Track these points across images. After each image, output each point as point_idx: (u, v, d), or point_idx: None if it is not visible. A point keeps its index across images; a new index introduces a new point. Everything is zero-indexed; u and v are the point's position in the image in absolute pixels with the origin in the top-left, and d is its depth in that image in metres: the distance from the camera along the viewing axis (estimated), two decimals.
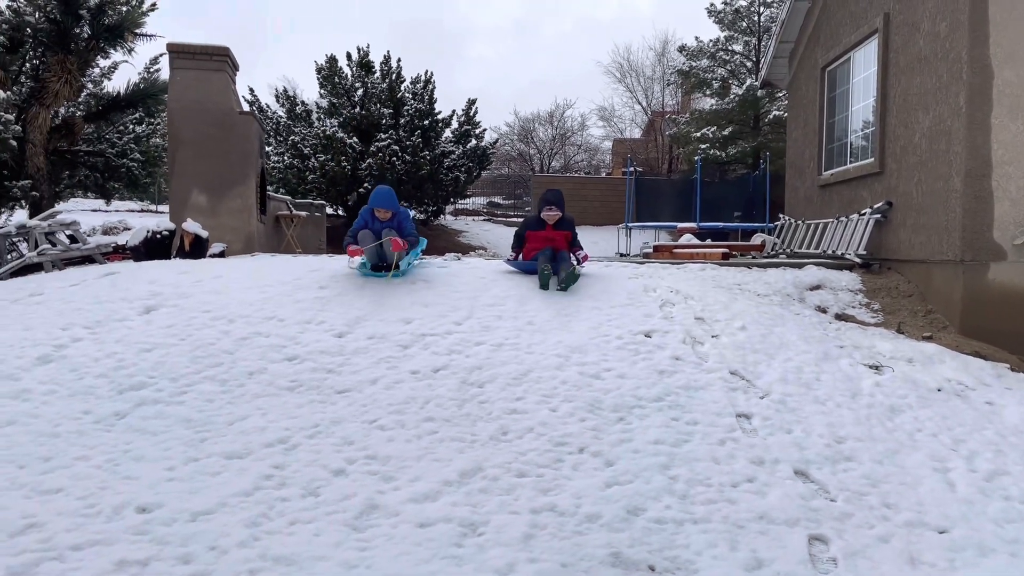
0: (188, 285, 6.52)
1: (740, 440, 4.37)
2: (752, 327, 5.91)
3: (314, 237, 15.04)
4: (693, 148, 21.65)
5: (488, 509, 3.65)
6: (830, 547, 3.46)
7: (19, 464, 3.92)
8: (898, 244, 7.83)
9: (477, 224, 25.19)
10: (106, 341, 5.42)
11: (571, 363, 5.23)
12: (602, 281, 6.86)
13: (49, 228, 9.21)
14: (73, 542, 3.27)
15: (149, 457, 4.02)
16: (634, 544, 3.42)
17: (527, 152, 36.29)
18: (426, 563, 3.22)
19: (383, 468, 3.99)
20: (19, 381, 4.85)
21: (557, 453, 4.17)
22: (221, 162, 11.21)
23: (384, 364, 5.19)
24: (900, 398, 5.06)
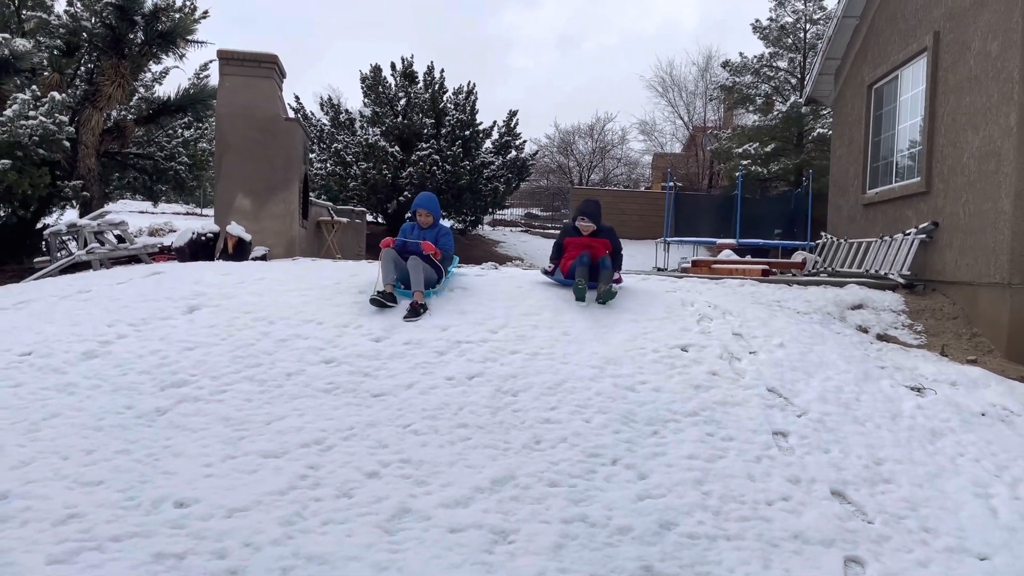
0: (231, 286, 6.63)
1: (776, 458, 4.32)
2: (791, 344, 5.84)
3: (354, 243, 15.21)
4: (734, 164, 21.48)
5: (519, 517, 3.65)
6: (866, 570, 3.40)
7: (63, 456, 4.02)
8: (943, 265, 7.68)
9: (514, 235, 25.25)
10: (150, 339, 5.54)
11: (606, 375, 5.21)
12: (639, 294, 6.83)
13: (98, 227, 9.46)
14: (112, 533, 3.35)
15: (188, 453, 4.10)
16: (665, 558, 3.39)
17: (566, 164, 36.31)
18: (456, 568, 3.23)
19: (416, 472, 4.01)
20: (65, 375, 4.98)
21: (590, 464, 4.16)
22: (266, 167, 11.41)
23: (420, 370, 5.23)
24: (942, 421, 4.95)
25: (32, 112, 10.53)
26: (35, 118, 10.45)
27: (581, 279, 6.58)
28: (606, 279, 6.61)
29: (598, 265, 6.81)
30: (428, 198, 6.86)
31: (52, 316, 6.06)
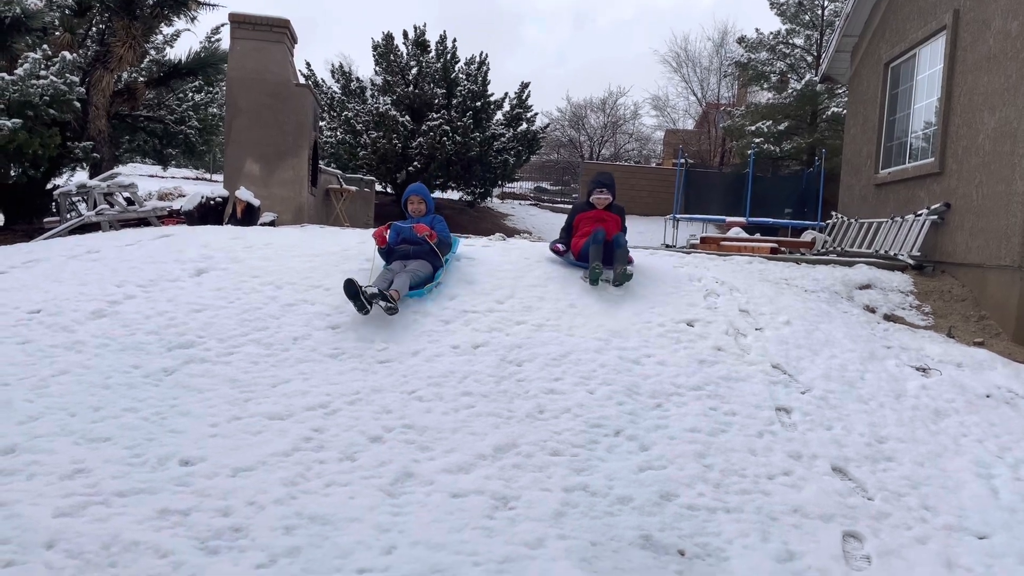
0: (239, 250, 6.65)
1: (778, 433, 4.33)
2: (797, 322, 5.83)
3: (362, 212, 15.20)
4: (747, 142, 21.32)
5: (521, 484, 3.68)
6: (864, 545, 3.42)
7: (70, 412, 4.06)
8: (954, 247, 7.63)
9: (523, 208, 25.19)
10: (158, 300, 5.56)
11: (611, 347, 5.22)
12: (647, 269, 6.81)
13: (108, 189, 9.47)
14: (119, 489, 3.39)
15: (194, 413, 4.14)
16: (665, 528, 3.42)
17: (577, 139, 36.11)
18: (457, 532, 3.26)
19: (419, 438, 4.04)
20: (74, 333, 5.01)
21: (592, 434, 4.18)
22: (276, 133, 11.37)
23: (425, 337, 5.24)
24: (947, 402, 4.95)
25: (43, 72, 10.51)
26: (46, 78, 10.43)
27: (596, 261, 6.20)
28: (621, 259, 6.32)
29: (612, 244, 6.47)
30: (419, 186, 6.59)
31: (61, 275, 6.09)
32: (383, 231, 6.09)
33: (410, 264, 5.95)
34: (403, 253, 6.11)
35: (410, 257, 6.06)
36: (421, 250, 6.07)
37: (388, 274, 5.77)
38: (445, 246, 6.28)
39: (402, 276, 5.64)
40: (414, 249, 6.09)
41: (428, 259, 6.07)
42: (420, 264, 5.96)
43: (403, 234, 6.17)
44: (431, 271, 6.01)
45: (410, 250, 6.09)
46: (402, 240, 6.17)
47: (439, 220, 6.38)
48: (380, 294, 5.20)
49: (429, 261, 6.06)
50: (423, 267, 5.95)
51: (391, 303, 5.22)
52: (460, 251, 7.14)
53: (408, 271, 5.78)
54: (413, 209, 6.43)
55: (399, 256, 6.11)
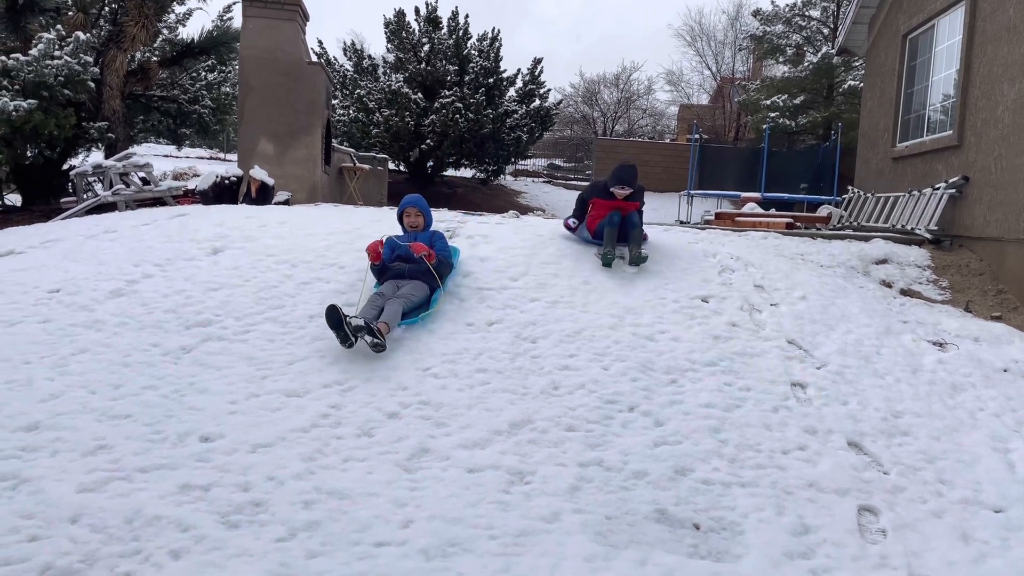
0: (254, 229, 6.67)
1: (794, 408, 4.33)
2: (813, 297, 5.80)
3: (376, 190, 15.21)
4: (762, 116, 21.09)
5: (536, 460, 3.71)
6: (880, 518, 3.42)
7: (91, 390, 4.12)
8: (972, 221, 7.55)
9: (536, 186, 25.09)
10: (175, 279, 5.61)
11: (625, 324, 5.22)
12: (661, 245, 6.78)
13: (123, 169, 9.52)
14: (140, 464, 3.44)
15: (213, 390, 4.18)
16: (680, 503, 3.44)
17: (590, 115, 35.85)
18: (473, 507, 3.29)
19: (435, 414, 4.07)
20: (93, 312, 5.07)
21: (607, 410, 4.20)
22: (288, 111, 11.37)
23: (440, 315, 5.26)
24: (963, 376, 4.93)
25: (57, 52, 10.54)
26: (60, 58, 10.46)
27: (610, 246, 6.14)
28: (636, 239, 6.26)
29: (627, 224, 6.38)
30: (416, 198, 5.89)
31: (79, 255, 6.15)
32: (377, 246, 5.42)
33: (404, 286, 5.24)
34: (397, 272, 5.41)
35: (404, 277, 5.36)
36: (417, 269, 5.36)
37: (378, 299, 5.03)
38: (445, 266, 5.59)
39: (394, 303, 4.94)
40: (409, 268, 5.38)
41: (424, 280, 5.35)
42: (415, 286, 5.26)
43: (398, 250, 5.49)
44: (427, 294, 5.32)
45: (405, 268, 5.40)
46: (397, 257, 5.49)
47: (439, 236, 5.73)
48: (366, 327, 4.50)
49: (426, 282, 5.35)
50: (418, 290, 5.26)
51: (378, 339, 4.51)
52: (473, 229, 7.14)
53: (401, 296, 5.08)
54: (410, 223, 5.77)
55: (392, 275, 5.40)
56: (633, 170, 6.47)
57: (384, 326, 4.66)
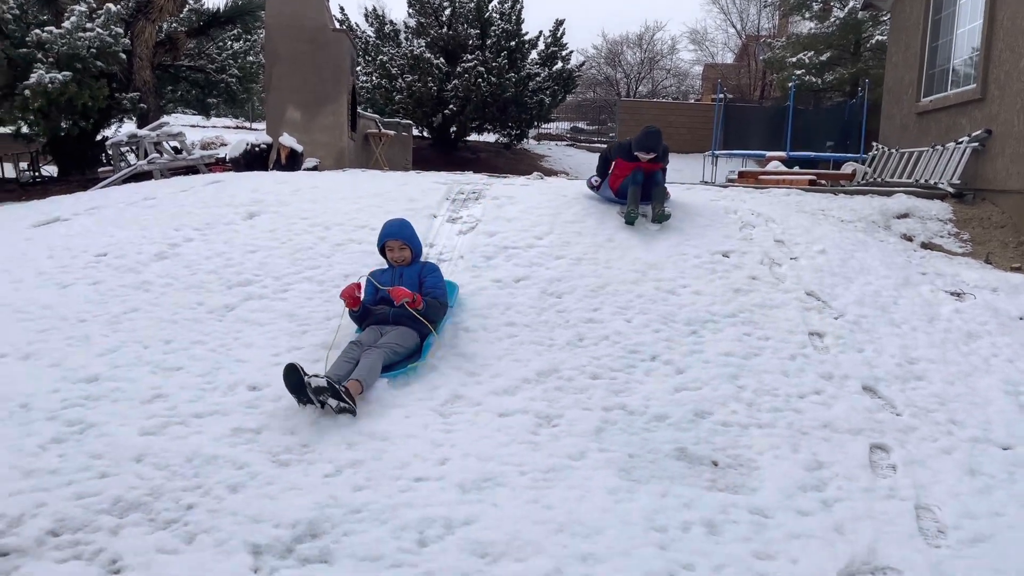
0: (287, 194, 6.89)
1: (811, 356, 4.49)
2: (832, 251, 5.92)
3: (400, 156, 15.37)
4: (787, 74, 20.85)
5: (563, 405, 3.92)
6: (891, 455, 3.60)
7: (144, 345, 4.39)
8: (994, 174, 7.57)
9: (560, 149, 25.07)
10: (215, 242, 5.86)
11: (648, 278, 5.38)
12: (683, 203, 6.89)
13: (157, 138, 9.76)
14: (195, 411, 3.71)
15: (257, 344, 4.44)
16: (699, 443, 3.64)
17: (614, 76, 35.55)
18: (505, 447, 3.52)
19: (467, 364, 4.29)
20: (140, 274, 5.34)
21: (630, 360, 4.39)
22: (314, 79, 11.53)
23: (469, 273, 5.46)
24: (979, 324, 5.04)
25: (88, 24, 10.75)
26: (92, 30, 10.69)
27: (633, 205, 6.24)
28: (660, 197, 6.35)
29: (650, 182, 6.46)
30: (400, 224, 4.83)
31: (122, 221, 6.41)
32: (354, 289, 4.44)
33: (388, 333, 4.31)
34: (380, 317, 4.47)
35: (389, 323, 4.42)
36: (404, 314, 4.40)
37: (353, 351, 4.15)
38: (438, 308, 4.55)
39: (372, 356, 4.04)
40: (394, 312, 4.42)
41: (413, 325, 4.39)
42: (401, 334, 4.31)
43: (382, 291, 4.55)
44: (416, 342, 4.37)
45: (389, 313, 4.44)
46: (380, 299, 4.57)
47: (431, 270, 4.72)
48: (330, 387, 3.61)
49: (414, 328, 4.39)
50: (405, 338, 4.31)
51: (346, 403, 3.65)
52: (498, 191, 7.29)
53: (383, 345, 4.18)
54: (394, 258, 4.78)
55: (376, 320, 4.48)
56: (658, 136, 6.46)
57: (356, 385, 3.78)
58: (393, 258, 4.79)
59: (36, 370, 4.05)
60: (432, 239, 6.10)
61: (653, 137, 6.44)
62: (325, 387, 3.60)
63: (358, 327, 4.57)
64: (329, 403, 3.63)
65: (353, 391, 3.73)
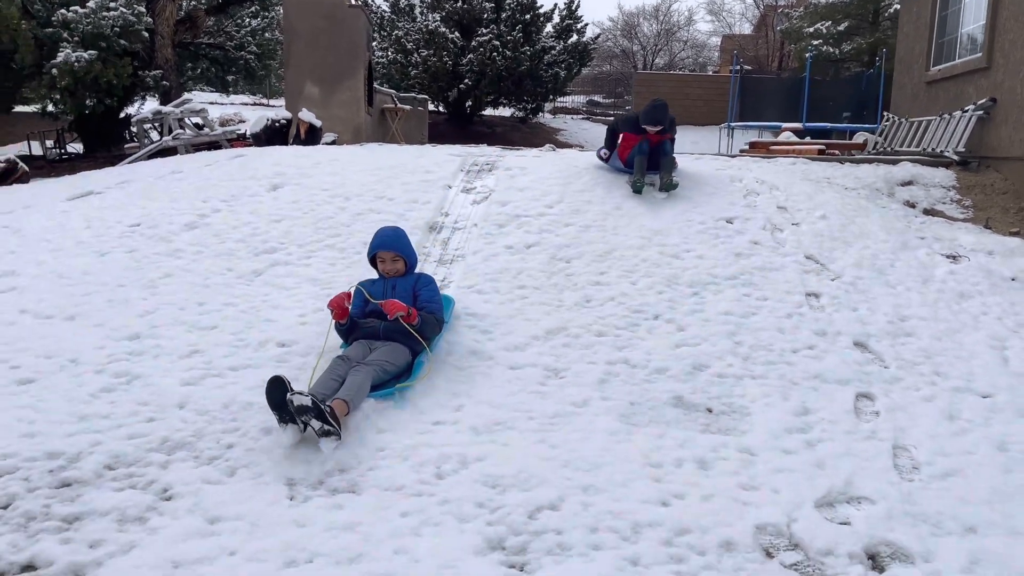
0: (308, 167, 7.18)
1: (806, 315, 4.73)
2: (833, 217, 6.12)
3: (417, 131, 15.60)
4: (805, 45, 20.78)
5: (569, 359, 4.20)
6: (875, 403, 3.85)
7: (180, 307, 4.72)
8: (998, 142, 7.71)
9: (575, 123, 25.17)
10: (241, 212, 6.16)
11: (653, 244, 5.63)
12: (691, 172, 7.09)
13: (181, 115, 10.07)
14: (230, 365, 4.03)
15: (284, 306, 4.75)
16: (696, 392, 3.91)
17: (630, 49, 35.44)
18: (515, 395, 3.81)
19: (480, 323, 4.58)
20: (172, 243, 5.66)
21: (633, 319, 4.66)
22: (332, 55, 11.77)
23: (482, 240, 5.73)
24: (972, 285, 5.25)
25: (112, 3, 11.03)
26: (115, 9, 10.97)
27: (639, 174, 6.46)
28: (667, 167, 6.56)
29: (658, 152, 6.65)
30: (393, 234, 4.45)
31: (152, 194, 6.73)
32: (342, 299, 4.08)
33: (378, 349, 3.96)
34: (370, 331, 4.10)
35: (379, 337, 4.06)
36: (395, 329, 4.03)
37: (339, 367, 3.79)
38: (432, 324, 4.17)
39: (360, 373, 3.68)
40: (384, 326, 4.05)
41: (404, 341, 4.03)
42: (392, 350, 3.96)
43: (372, 304, 4.18)
44: (408, 360, 4.01)
45: (378, 327, 4.07)
46: (370, 312, 4.21)
47: (426, 283, 4.34)
48: (314, 407, 3.22)
49: (406, 344, 4.03)
50: (396, 355, 3.95)
51: (331, 425, 3.25)
52: (511, 163, 7.51)
53: (371, 363, 3.81)
54: (386, 269, 4.37)
55: (365, 334, 4.11)
56: (664, 109, 6.65)
57: (341, 405, 3.41)
58: (385, 270, 4.37)
59: (82, 329, 4.38)
60: (447, 208, 6.37)
61: (660, 110, 6.65)
62: (309, 406, 3.21)
63: (344, 342, 4.19)
64: (312, 424, 3.26)
65: (339, 412, 3.34)
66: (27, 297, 4.79)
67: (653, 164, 6.65)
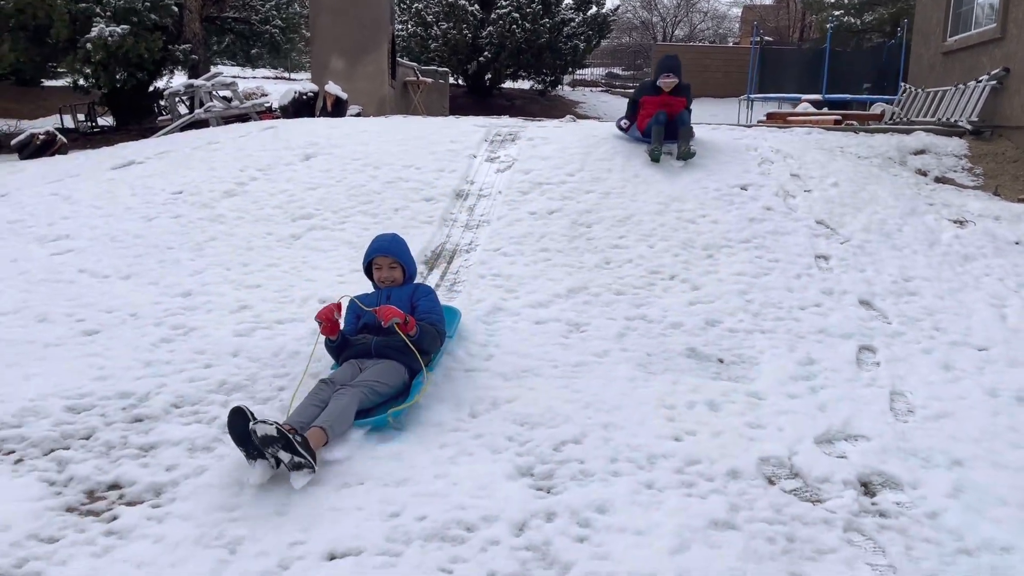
0: (338, 138, 7.47)
1: (815, 275, 4.99)
2: (845, 184, 6.34)
3: (438, 103, 15.84)
4: (826, 15, 20.71)
5: (590, 315, 4.49)
6: (876, 355, 4.12)
7: (226, 267, 5.06)
8: (1011, 111, 7.85)
9: (594, 95, 25.25)
10: (277, 180, 6.47)
11: (670, 210, 5.89)
12: (707, 141, 7.30)
13: (211, 88, 10.37)
14: (276, 318, 4.36)
15: (322, 267, 5.07)
16: (708, 344, 4.20)
17: (649, 20, 35.28)
18: (540, 347, 4.11)
19: (506, 283, 4.88)
20: (214, 209, 5.99)
21: (651, 279, 4.94)
22: (357, 28, 12.01)
23: (507, 206, 6.02)
24: (976, 248, 5.47)
25: None
26: None
27: (657, 143, 6.70)
28: (685, 136, 6.77)
29: (676, 123, 6.86)
30: (392, 239, 3.96)
31: (191, 163, 7.06)
32: (332, 311, 3.57)
33: (368, 368, 3.51)
34: (362, 348, 3.64)
35: (371, 355, 3.60)
36: (389, 345, 3.56)
37: (322, 391, 3.33)
38: (433, 337, 3.69)
39: (343, 397, 3.24)
40: (377, 342, 3.60)
41: (400, 359, 3.55)
42: (385, 369, 3.50)
43: (365, 317, 3.74)
44: (404, 380, 3.54)
45: (371, 344, 3.62)
46: (363, 326, 3.76)
47: (425, 292, 3.88)
48: (280, 436, 2.76)
49: (403, 362, 3.56)
50: (390, 374, 3.50)
51: (302, 457, 2.80)
52: (533, 133, 7.76)
53: (360, 384, 3.37)
54: (382, 277, 3.89)
55: (356, 353, 3.65)
56: (676, 59, 7.01)
57: (318, 434, 3.00)
58: (381, 278, 3.88)
59: (138, 287, 4.74)
60: (472, 177, 6.65)
61: (671, 59, 7.01)
62: (275, 436, 2.76)
63: (334, 362, 3.75)
64: (280, 457, 2.80)
65: (314, 441, 2.91)
66: (84, 258, 5.16)
67: (671, 134, 6.88)
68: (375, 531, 2.60)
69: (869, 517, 2.75)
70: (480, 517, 2.68)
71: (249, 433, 2.79)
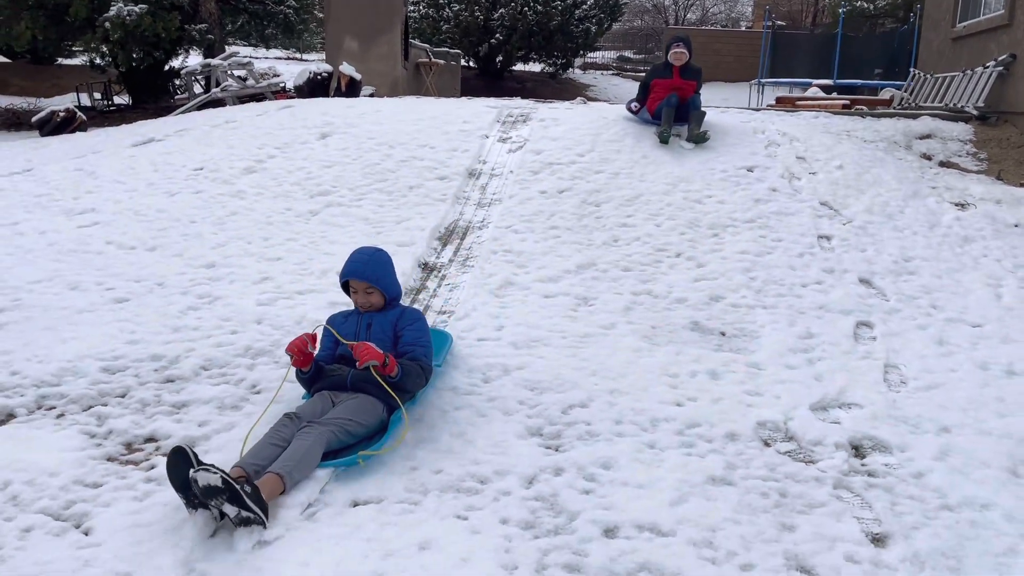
0: (354, 117, 7.63)
1: (817, 254, 5.14)
2: (849, 167, 6.47)
3: (450, 85, 15.95)
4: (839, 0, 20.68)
5: (598, 290, 4.66)
6: (873, 330, 4.28)
7: (247, 241, 5.24)
8: (1017, 97, 7.94)
9: (605, 78, 25.27)
10: (294, 158, 6.65)
11: (677, 190, 6.04)
12: (715, 124, 7.42)
13: (228, 67, 10.53)
14: (296, 289, 4.55)
15: (340, 241, 5.24)
16: (711, 319, 4.36)
17: (661, 3, 35.13)
18: (549, 319, 4.29)
19: (517, 259, 5.05)
20: (234, 185, 6.17)
21: (657, 256, 5.10)
22: (370, 9, 12.13)
23: (518, 185, 6.17)
24: (976, 230, 5.60)
25: None
26: None
27: (666, 125, 6.82)
28: (697, 119, 6.90)
29: (687, 106, 6.98)
30: (369, 258, 3.40)
31: (210, 141, 7.24)
32: (304, 344, 3.11)
33: (341, 403, 3.10)
34: (336, 380, 3.22)
35: (346, 388, 3.19)
36: (367, 379, 3.10)
37: (284, 429, 2.89)
38: (417, 377, 3.23)
39: (307, 437, 2.81)
40: (354, 375, 3.17)
41: (379, 393, 3.11)
42: (359, 406, 3.08)
43: (342, 346, 3.25)
44: (380, 418, 3.13)
45: (347, 376, 3.20)
46: (339, 356, 3.32)
47: (412, 319, 3.39)
48: (226, 487, 2.36)
49: (380, 397, 3.13)
50: (366, 412, 3.08)
51: (251, 511, 2.42)
52: (544, 114, 7.89)
53: (329, 422, 2.94)
54: (359, 302, 3.41)
55: (330, 384, 3.23)
56: (686, 34, 7.10)
57: (273, 481, 2.61)
58: (357, 303, 3.42)
59: (163, 258, 4.93)
60: (484, 156, 6.80)
61: (679, 34, 7.04)
62: (219, 487, 2.35)
63: (306, 392, 3.32)
64: (225, 511, 2.40)
65: (267, 492, 2.54)
66: (111, 230, 5.35)
67: (682, 116, 7.01)
68: (395, 484, 2.79)
69: (858, 476, 2.92)
70: (493, 471, 2.87)
71: (189, 481, 2.38)
